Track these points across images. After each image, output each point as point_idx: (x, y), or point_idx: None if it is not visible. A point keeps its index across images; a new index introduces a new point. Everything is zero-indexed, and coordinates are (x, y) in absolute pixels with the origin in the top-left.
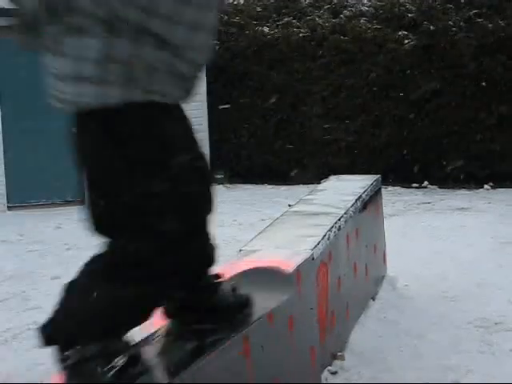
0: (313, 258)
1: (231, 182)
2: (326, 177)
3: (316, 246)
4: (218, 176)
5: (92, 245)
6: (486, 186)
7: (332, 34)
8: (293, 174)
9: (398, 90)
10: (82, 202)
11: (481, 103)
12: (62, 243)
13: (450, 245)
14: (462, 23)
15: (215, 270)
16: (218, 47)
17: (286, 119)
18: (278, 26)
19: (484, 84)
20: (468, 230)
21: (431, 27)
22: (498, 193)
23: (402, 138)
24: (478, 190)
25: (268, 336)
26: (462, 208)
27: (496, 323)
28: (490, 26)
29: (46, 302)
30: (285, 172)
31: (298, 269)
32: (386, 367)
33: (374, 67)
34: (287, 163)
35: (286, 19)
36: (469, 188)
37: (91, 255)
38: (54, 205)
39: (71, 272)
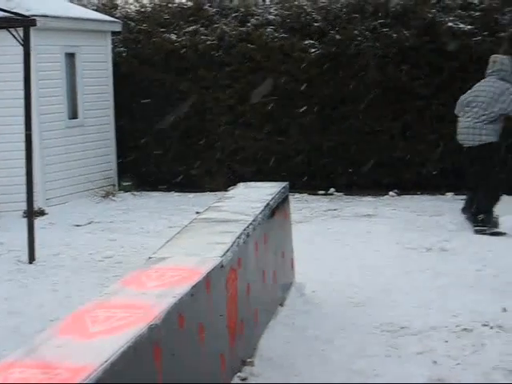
0: (222, 265)
1: (138, 190)
2: (234, 184)
3: (225, 253)
4: (125, 184)
5: None
6: (390, 193)
7: (239, 42)
8: (200, 181)
9: (305, 98)
10: None
11: (385, 112)
12: None
13: (357, 251)
14: (367, 33)
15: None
16: (124, 54)
17: (194, 127)
18: (185, 33)
19: (389, 93)
20: (374, 236)
21: (337, 36)
22: (402, 200)
23: (308, 145)
24: (382, 197)
25: (179, 343)
26: (368, 215)
27: (402, 327)
28: (394, 35)
29: None
30: (192, 180)
31: (208, 276)
32: (294, 372)
33: (281, 75)
34: (195, 171)
35: (193, 27)
36: (374, 195)
37: None
38: None
39: None
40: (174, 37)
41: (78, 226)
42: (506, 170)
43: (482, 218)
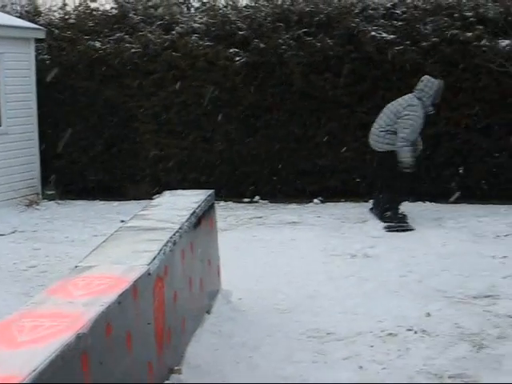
0: (149, 274)
1: (62, 198)
2: (159, 192)
3: (152, 261)
4: (49, 192)
5: None
6: (315, 201)
7: (164, 50)
8: (125, 189)
9: (230, 106)
10: None
11: (310, 120)
12: None
13: (282, 258)
14: (291, 41)
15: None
16: (48, 61)
17: (118, 135)
18: (109, 41)
19: (313, 101)
20: (299, 243)
21: (261, 45)
22: (326, 207)
23: (233, 153)
24: (307, 205)
25: (106, 351)
26: (293, 222)
27: (328, 333)
28: (318, 44)
29: None
30: (117, 188)
31: (135, 284)
32: (222, 379)
33: (206, 83)
34: (119, 179)
35: (117, 34)
36: (299, 203)
37: None
38: None
39: None
40: (98, 44)
41: (1, 235)
42: (412, 178)
43: (388, 215)
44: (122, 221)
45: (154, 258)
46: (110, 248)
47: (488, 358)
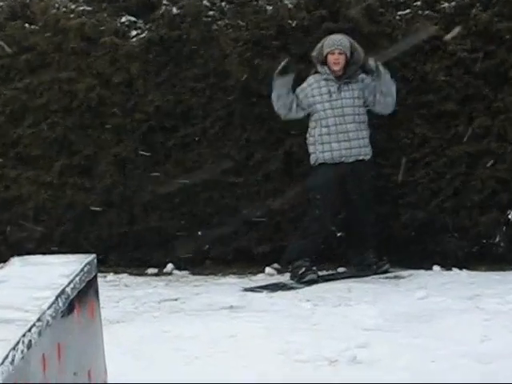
0: None
1: None
2: (5, 260)
3: None
4: None
5: None
6: (268, 270)
7: (9, 21)
8: None
9: (122, 112)
10: None
11: (258, 135)
12: None
13: (214, 368)
14: (223, 4)
15: None
16: None
17: None
18: None
19: (262, 103)
20: (241, 343)
21: (174, 10)
22: (287, 279)
23: (129, 193)
24: (255, 277)
25: None
26: (231, 307)
27: None
28: (269, 8)
29: None
30: None
31: None
32: None
33: (82, 76)
34: None
35: None
36: (241, 273)
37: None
38: None
39: None
40: None
41: None
42: None
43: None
44: None
45: None
46: None
47: None
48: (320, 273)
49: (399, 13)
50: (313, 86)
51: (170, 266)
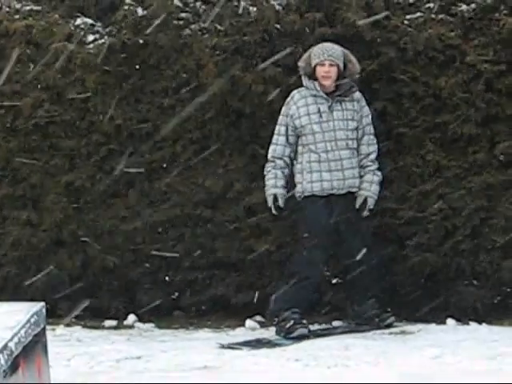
0: None
1: None
2: None
3: None
4: None
5: None
6: (249, 322)
7: None
8: None
9: (77, 134)
10: None
11: (239, 160)
12: None
13: None
14: (198, 4)
15: None
16: None
17: None
18: None
19: (244, 122)
20: None
21: (139, 11)
22: (271, 333)
23: (80, 228)
24: (233, 331)
25: None
26: (205, 367)
27: None
28: (253, 10)
29: None
30: None
31: None
32: None
33: (27, 90)
34: None
35: None
36: (216, 327)
37: None
38: None
39: None
40: None
41: None
42: None
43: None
44: None
45: None
46: None
47: None
48: (311, 327)
49: (408, 16)
50: (298, 103)
51: (131, 318)
